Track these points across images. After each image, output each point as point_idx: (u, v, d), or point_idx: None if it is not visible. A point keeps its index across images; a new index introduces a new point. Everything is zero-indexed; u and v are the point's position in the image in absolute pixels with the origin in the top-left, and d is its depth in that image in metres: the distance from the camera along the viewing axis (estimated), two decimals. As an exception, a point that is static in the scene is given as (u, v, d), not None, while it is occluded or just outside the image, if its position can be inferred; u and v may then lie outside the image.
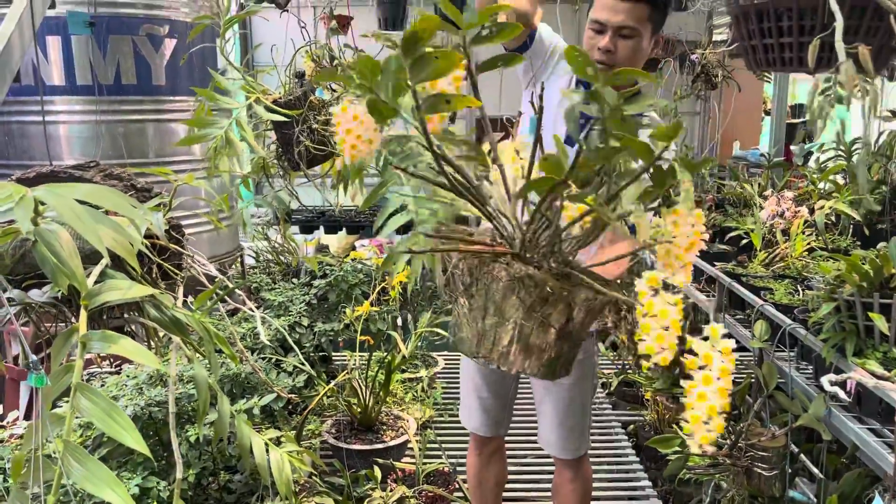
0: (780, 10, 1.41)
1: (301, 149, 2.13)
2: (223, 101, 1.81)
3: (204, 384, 1.32)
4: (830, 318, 1.57)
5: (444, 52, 0.82)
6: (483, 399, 1.97)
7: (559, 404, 1.85)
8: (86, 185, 0.93)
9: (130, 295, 1.17)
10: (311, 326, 3.27)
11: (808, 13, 1.38)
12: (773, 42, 1.44)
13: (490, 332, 0.95)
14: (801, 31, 1.40)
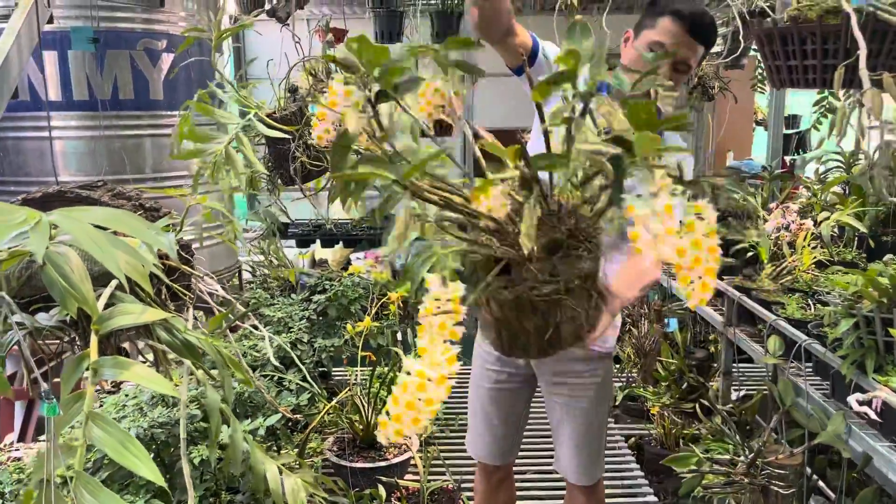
0: (804, 33, 1.42)
1: (297, 164, 2.10)
2: (221, 115, 1.78)
3: (216, 409, 1.29)
4: (850, 334, 1.56)
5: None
6: (494, 427, 1.92)
7: (578, 428, 1.81)
8: (101, 209, 0.90)
9: (143, 319, 1.14)
10: (311, 342, 3.24)
11: (832, 37, 1.40)
12: (797, 63, 1.44)
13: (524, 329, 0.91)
14: (825, 54, 1.41)
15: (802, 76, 1.46)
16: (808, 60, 1.44)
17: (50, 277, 1.03)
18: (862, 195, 2.70)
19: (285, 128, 1.86)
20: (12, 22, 2.14)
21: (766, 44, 1.51)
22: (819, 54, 1.42)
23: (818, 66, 1.43)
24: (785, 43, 1.47)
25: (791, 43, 1.45)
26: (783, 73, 1.50)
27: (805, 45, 1.43)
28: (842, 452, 1.57)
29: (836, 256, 2.51)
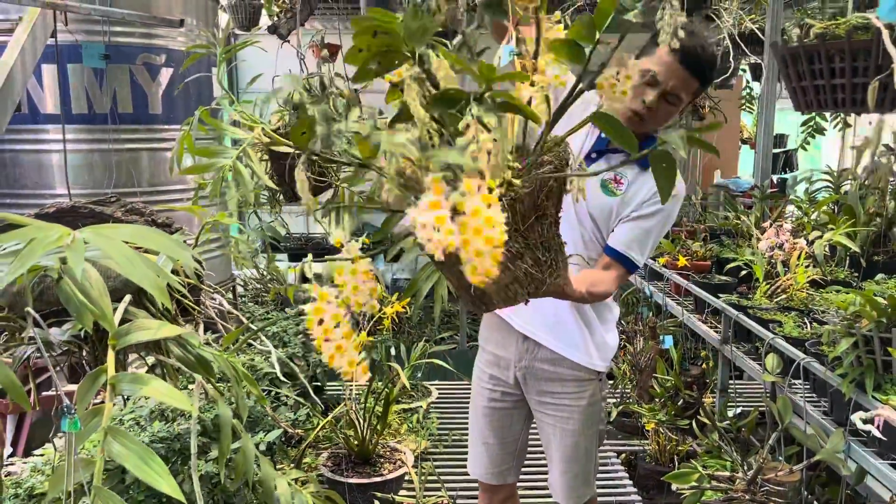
0: (832, 51, 1.39)
1: (301, 180, 2.11)
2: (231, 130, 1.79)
3: (228, 424, 1.29)
4: (849, 353, 1.58)
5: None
6: (489, 446, 1.92)
7: (565, 450, 1.81)
8: (130, 227, 0.91)
9: (161, 335, 1.14)
10: (306, 357, 3.24)
11: (861, 54, 1.37)
12: (825, 83, 1.42)
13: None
14: (854, 72, 1.38)
15: (831, 96, 1.42)
16: (836, 79, 1.41)
17: (65, 292, 1.04)
18: (853, 215, 2.74)
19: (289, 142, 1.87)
20: (17, 36, 2.15)
21: (791, 64, 1.47)
22: (848, 72, 1.39)
23: (847, 86, 1.39)
24: (811, 62, 1.43)
25: (818, 62, 1.42)
26: (809, 94, 1.47)
27: (833, 64, 1.39)
28: (840, 470, 1.59)
29: (829, 276, 2.56)
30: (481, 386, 1.92)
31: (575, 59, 0.87)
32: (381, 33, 0.79)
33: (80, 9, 2.00)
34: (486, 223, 0.70)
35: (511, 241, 0.90)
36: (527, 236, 0.93)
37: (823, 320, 2.01)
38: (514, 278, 0.94)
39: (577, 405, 1.79)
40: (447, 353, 3.63)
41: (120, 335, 1.14)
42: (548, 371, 1.78)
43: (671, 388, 2.66)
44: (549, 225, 0.96)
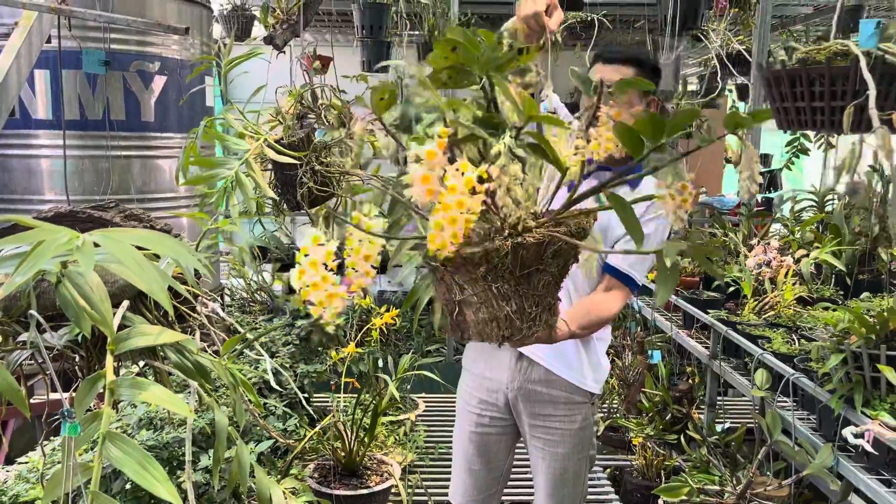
0: (813, 75, 1.46)
1: (304, 190, 2.12)
2: (233, 141, 1.80)
3: (224, 431, 1.29)
4: (839, 369, 1.61)
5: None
6: (475, 472, 1.89)
7: (553, 474, 1.79)
8: (141, 231, 0.91)
9: (161, 340, 1.14)
10: (294, 368, 3.23)
11: (840, 79, 1.43)
12: (806, 105, 1.49)
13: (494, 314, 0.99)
14: (833, 96, 1.44)
15: (810, 118, 1.50)
16: (816, 102, 1.48)
17: (64, 297, 1.04)
18: (838, 234, 2.79)
19: (294, 154, 1.88)
20: (12, 41, 2.14)
21: (775, 86, 1.54)
22: (827, 96, 1.45)
23: (826, 108, 1.46)
24: (793, 85, 1.50)
25: (800, 85, 1.48)
26: (791, 114, 1.54)
27: (813, 87, 1.46)
28: (829, 485, 1.61)
29: (816, 293, 2.59)
30: (468, 411, 1.88)
31: (635, 150, 0.89)
32: (460, 51, 0.85)
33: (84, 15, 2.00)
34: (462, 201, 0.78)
35: (502, 281, 0.93)
36: (520, 283, 0.94)
37: (811, 337, 2.04)
38: (493, 317, 0.96)
39: (569, 429, 1.77)
40: (434, 366, 3.63)
41: (120, 340, 1.14)
42: (540, 393, 1.76)
43: (659, 402, 2.67)
44: (548, 283, 0.98)
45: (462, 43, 0.85)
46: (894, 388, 1.56)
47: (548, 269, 0.97)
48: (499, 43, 0.87)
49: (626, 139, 0.88)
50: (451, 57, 0.87)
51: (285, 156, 1.74)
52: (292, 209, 2.23)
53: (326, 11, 5.63)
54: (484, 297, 0.95)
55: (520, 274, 0.94)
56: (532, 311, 0.97)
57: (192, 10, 3.26)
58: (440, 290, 1.02)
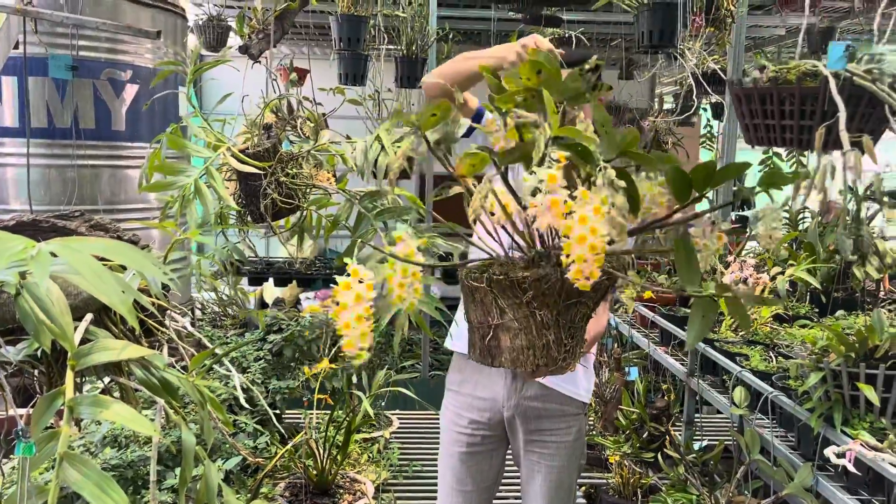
0: (783, 94, 1.48)
1: (268, 202, 2.07)
2: (194, 149, 1.75)
3: (191, 450, 1.24)
4: (818, 388, 1.59)
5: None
6: (467, 493, 1.85)
7: (549, 487, 1.77)
8: (102, 240, 0.87)
9: (125, 355, 1.09)
10: (266, 384, 3.16)
11: (810, 99, 1.45)
12: (775, 123, 1.50)
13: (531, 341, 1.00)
14: (802, 115, 1.46)
15: (780, 135, 1.52)
16: (785, 121, 1.50)
17: (24, 309, 0.98)
18: (813, 251, 2.80)
19: (258, 164, 1.84)
20: (-22, 45, 2.08)
21: (745, 102, 1.56)
22: (797, 115, 1.47)
23: (795, 127, 1.48)
24: (764, 102, 1.52)
25: (770, 103, 1.50)
26: (761, 131, 1.56)
27: (784, 106, 1.48)
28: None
29: (791, 311, 2.59)
30: (457, 432, 1.84)
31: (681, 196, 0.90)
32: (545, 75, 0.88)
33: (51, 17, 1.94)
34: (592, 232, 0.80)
35: (546, 309, 0.93)
36: (561, 313, 0.95)
37: (789, 354, 2.03)
38: (531, 345, 0.96)
39: (564, 441, 1.77)
40: (409, 382, 3.58)
41: (80, 355, 1.09)
42: (537, 408, 1.75)
43: (636, 420, 2.65)
44: (583, 316, 0.99)
45: (548, 68, 0.87)
46: (873, 406, 1.55)
47: (587, 302, 0.98)
48: (580, 73, 0.90)
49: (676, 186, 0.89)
50: (533, 79, 0.88)
51: (247, 165, 1.69)
52: (256, 221, 2.18)
53: (304, 24, 5.60)
54: (525, 324, 0.94)
55: (563, 304, 0.94)
56: (568, 342, 0.97)
57: (167, 19, 3.22)
58: (476, 313, 1.00)
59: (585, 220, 0.79)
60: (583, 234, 0.79)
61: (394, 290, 0.86)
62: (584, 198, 0.80)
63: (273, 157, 2.22)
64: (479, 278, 0.94)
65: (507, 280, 0.90)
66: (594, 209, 0.80)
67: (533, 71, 0.88)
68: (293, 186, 2.29)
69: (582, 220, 0.79)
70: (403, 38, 4.49)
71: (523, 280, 0.90)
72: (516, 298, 0.93)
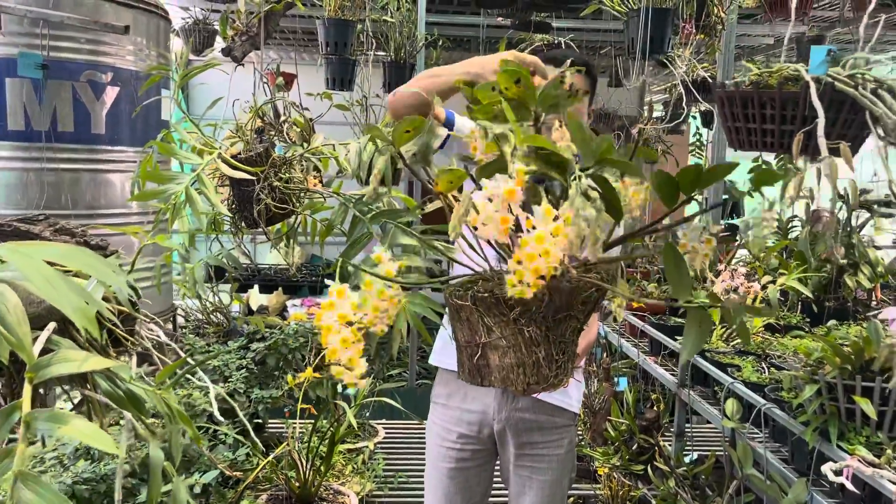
0: (764, 98, 1.47)
1: (261, 207, 2.01)
2: (183, 155, 1.69)
3: (159, 466, 1.17)
4: (813, 401, 1.55)
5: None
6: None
7: (540, 502, 1.74)
8: (57, 246, 0.81)
9: (87, 367, 1.03)
10: (248, 393, 3.10)
11: (790, 103, 1.44)
12: (756, 126, 1.48)
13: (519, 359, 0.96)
14: (783, 119, 1.45)
15: (761, 139, 1.50)
16: (766, 125, 1.48)
17: (-21, 318, 0.92)
18: (804, 260, 2.76)
19: (250, 169, 1.78)
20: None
21: (728, 105, 1.55)
22: (777, 119, 1.45)
23: (776, 131, 1.46)
24: (745, 106, 1.50)
25: (751, 106, 1.49)
26: (742, 134, 1.55)
27: (765, 110, 1.47)
28: (802, 520, 1.55)
29: (782, 320, 2.55)
30: (446, 447, 1.80)
31: (669, 200, 0.87)
32: (522, 85, 0.85)
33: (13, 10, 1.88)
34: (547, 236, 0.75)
35: (535, 325, 0.90)
36: (551, 329, 0.91)
37: (781, 365, 1.99)
38: (521, 363, 0.92)
39: (556, 454, 1.74)
40: (395, 391, 3.53)
41: (39, 367, 1.02)
42: (528, 420, 1.72)
43: (626, 431, 2.60)
44: (573, 330, 0.95)
45: (525, 76, 0.84)
46: (869, 420, 1.51)
47: (577, 316, 0.94)
48: (560, 81, 0.86)
49: (663, 190, 0.85)
50: (511, 89, 0.86)
51: (239, 171, 1.64)
52: (249, 227, 2.13)
53: (291, 29, 5.56)
54: (513, 342, 0.91)
55: (553, 319, 0.91)
56: (559, 358, 0.94)
57: (149, 20, 3.15)
58: (462, 331, 0.97)
59: (542, 239, 0.75)
60: (532, 253, 0.74)
61: (368, 313, 0.82)
62: (548, 214, 0.76)
63: (266, 161, 2.17)
64: (463, 296, 0.90)
65: (493, 297, 0.87)
66: (554, 229, 0.75)
67: (511, 80, 0.84)
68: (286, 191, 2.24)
69: (539, 240, 0.75)
70: (392, 43, 4.45)
71: (509, 297, 0.85)
72: (503, 316, 0.89)
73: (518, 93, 0.86)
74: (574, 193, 0.81)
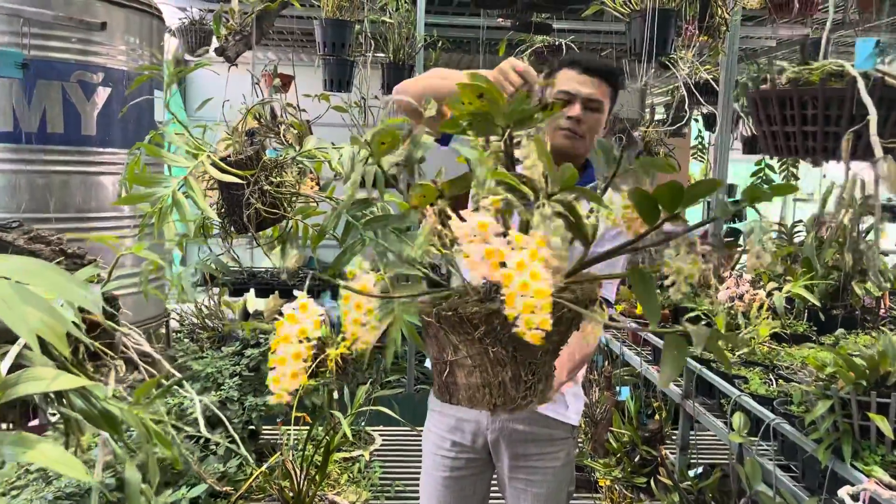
0: (805, 97, 1.33)
1: (251, 211, 1.94)
2: (171, 158, 1.63)
3: (136, 490, 1.11)
4: (826, 418, 1.48)
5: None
6: None
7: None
8: (16, 259, 0.74)
9: (56, 386, 0.96)
10: (242, 401, 3.03)
11: (835, 102, 1.30)
12: (796, 130, 1.36)
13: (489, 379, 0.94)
14: (827, 121, 1.32)
15: (801, 143, 1.37)
16: (808, 127, 1.35)
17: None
18: (811, 267, 2.70)
19: (239, 172, 1.71)
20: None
21: (762, 107, 1.41)
22: (821, 120, 1.33)
23: (819, 133, 1.34)
24: (783, 107, 1.37)
25: (790, 107, 1.36)
26: (779, 139, 1.40)
27: (805, 111, 1.34)
28: (814, 542, 1.48)
29: (789, 329, 2.49)
30: (440, 455, 1.75)
31: (649, 218, 0.85)
32: (486, 99, 0.82)
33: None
34: (533, 277, 0.71)
35: (500, 346, 0.87)
36: (518, 349, 0.88)
37: (790, 377, 1.92)
38: (487, 383, 0.89)
39: (552, 467, 1.69)
40: (393, 398, 3.46)
41: (7, 386, 0.96)
42: (522, 432, 1.67)
43: (628, 442, 2.53)
44: (547, 351, 0.92)
45: (488, 89, 0.82)
46: (885, 438, 1.44)
47: (549, 337, 0.88)
48: (527, 95, 0.85)
49: (643, 208, 0.83)
50: (475, 104, 0.83)
51: (228, 174, 1.57)
52: (239, 232, 2.06)
53: (289, 30, 5.49)
54: (479, 361, 0.88)
55: (520, 339, 0.86)
56: (528, 379, 0.90)
57: (142, 20, 3.08)
58: (432, 348, 0.96)
59: (523, 266, 0.72)
60: (524, 281, 0.71)
61: (348, 328, 0.80)
62: (518, 241, 0.74)
63: (256, 164, 2.10)
64: (429, 313, 0.88)
65: (456, 316, 0.84)
66: (530, 253, 0.72)
67: (473, 95, 0.82)
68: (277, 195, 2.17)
69: (520, 266, 0.72)
70: (390, 44, 4.39)
71: (473, 315, 0.84)
72: (468, 335, 0.86)
73: (482, 107, 0.83)
74: (538, 222, 0.80)
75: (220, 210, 2.17)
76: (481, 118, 0.85)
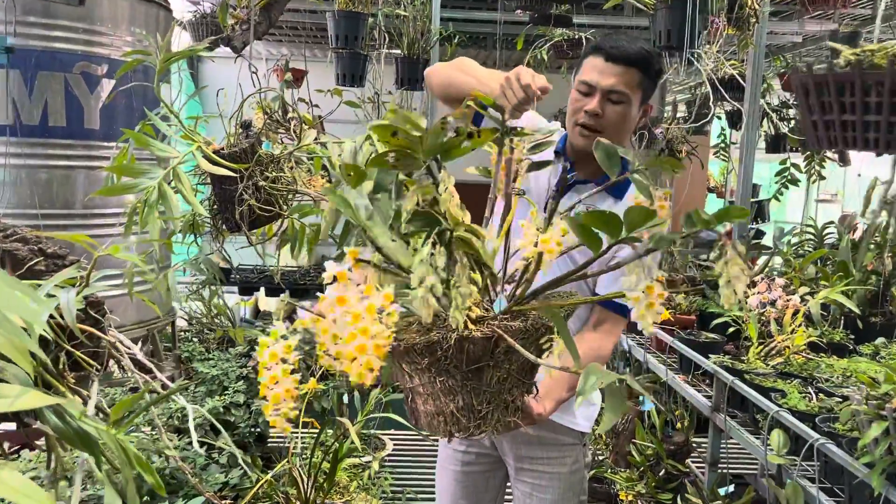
0: (869, 82, 1.17)
1: (244, 208, 1.82)
2: (158, 147, 1.52)
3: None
4: (881, 441, 1.34)
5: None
6: None
7: None
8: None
9: (20, 405, 0.85)
10: (248, 404, 2.93)
11: (874, 88, 1.17)
12: (856, 119, 1.21)
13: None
14: (866, 109, 1.18)
15: (861, 134, 1.21)
16: (870, 116, 1.19)
17: None
18: (847, 271, 2.55)
19: (232, 165, 1.59)
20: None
21: (815, 94, 1.25)
22: (859, 107, 1.19)
23: (883, 124, 1.18)
24: (841, 93, 1.21)
25: (850, 94, 1.21)
26: (834, 129, 1.24)
27: (868, 97, 1.19)
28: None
29: (825, 337, 2.34)
30: (453, 449, 1.74)
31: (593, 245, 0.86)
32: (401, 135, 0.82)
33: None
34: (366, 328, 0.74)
35: (447, 375, 0.87)
36: (468, 378, 0.88)
37: (830, 391, 1.78)
38: (440, 411, 0.90)
39: (558, 472, 1.62)
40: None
41: (-36, 405, 0.85)
42: (526, 434, 1.57)
43: (652, 455, 2.40)
44: (503, 379, 0.91)
45: (401, 128, 0.82)
46: (947, 464, 1.31)
47: (501, 366, 0.89)
48: (441, 128, 0.83)
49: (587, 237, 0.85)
50: (392, 141, 0.83)
51: (220, 167, 1.46)
52: (231, 230, 1.94)
53: (302, 25, 5.39)
54: (430, 390, 0.89)
55: (467, 369, 0.88)
56: (483, 408, 0.89)
57: (148, 10, 2.98)
58: (397, 373, 0.97)
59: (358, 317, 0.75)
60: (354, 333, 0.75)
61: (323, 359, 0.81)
62: (368, 292, 0.77)
63: (251, 158, 1.99)
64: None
65: (401, 346, 0.85)
66: (367, 308, 0.75)
67: (387, 133, 0.82)
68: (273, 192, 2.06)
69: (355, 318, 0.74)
70: (405, 38, 4.27)
71: (415, 345, 0.84)
72: (416, 364, 0.87)
73: (400, 143, 0.83)
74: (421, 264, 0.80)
75: (213, 206, 2.05)
76: (402, 154, 0.85)
